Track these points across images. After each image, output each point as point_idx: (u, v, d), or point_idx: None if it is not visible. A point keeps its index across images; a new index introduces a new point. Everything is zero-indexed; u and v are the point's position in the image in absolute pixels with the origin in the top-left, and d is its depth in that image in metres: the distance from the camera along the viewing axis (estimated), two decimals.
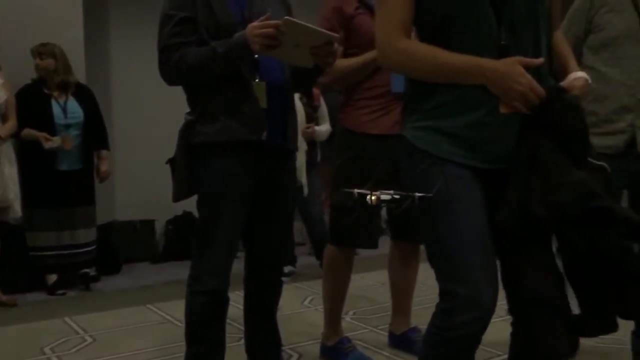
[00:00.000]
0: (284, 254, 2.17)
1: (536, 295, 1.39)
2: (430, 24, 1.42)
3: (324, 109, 4.26)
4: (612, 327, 1.38)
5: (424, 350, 1.47)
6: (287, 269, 4.05)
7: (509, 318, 1.51)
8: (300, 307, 3.36)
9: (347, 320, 3.07)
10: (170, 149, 1.98)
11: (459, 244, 1.37)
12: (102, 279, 4.19)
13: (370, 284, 3.76)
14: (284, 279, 3.86)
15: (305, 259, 4.52)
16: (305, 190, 4.03)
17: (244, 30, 1.77)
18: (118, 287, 4.09)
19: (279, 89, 1.93)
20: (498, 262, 1.44)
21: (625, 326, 2.38)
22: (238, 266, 2.01)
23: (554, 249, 1.44)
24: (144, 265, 4.80)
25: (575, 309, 1.41)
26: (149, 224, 5.02)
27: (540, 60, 1.35)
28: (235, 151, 1.86)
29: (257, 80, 1.87)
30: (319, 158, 4.31)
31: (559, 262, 1.42)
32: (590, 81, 1.61)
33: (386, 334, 2.73)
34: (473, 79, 1.33)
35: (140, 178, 4.91)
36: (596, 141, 2.17)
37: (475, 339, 1.39)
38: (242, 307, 2.10)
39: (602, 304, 1.35)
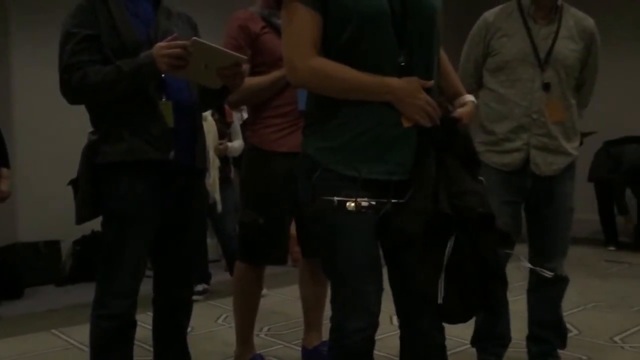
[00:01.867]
0: (194, 273, 2.16)
1: (428, 293, 1.52)
2: (337, 45, 1.49)
3: (236, 125, 4.27)
4: (466, 318, 1.59)
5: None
6: (200, 286, 4.01)
7: None
8: (214, 326, 3.33)
9: (261, 337, 3.08)
10: (76, 166, 1.92)
11: (351, 260, 1.51)
12: (4, 303, 3.98)
13: (285, 299, 3.79)
14: (197, 297, 3.86)
15: (220, 276, 4.48)
16: (219, 207, 4.01)
17: (151, 50, 1.77)
18: (21, 312, 3.88)
19: (187, 109, 1.93)
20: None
21: (521, 331, 2.55)
22: (147, 286, 1.99)
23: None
24: (49, 288, 4.58)
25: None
26: (54, 245, 4.80)
27: (432, 82, 1.52)
28: (142, 171, 1.84)
29: (163, 99, 1.86)
30: (232, 174, 4.30)
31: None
32: (476, 102, 1.75)
33: (300, 348, 2.76)
34: (379, 96, 1.47)
35: (44, 197, 4.67)
36: (496, 159, 2.33)
37: (371, 342, 1.55)
38: (151, 328, 2.06)
39: (470, 297, 1.53)
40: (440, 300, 1.49)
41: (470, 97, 1.73)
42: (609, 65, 6.75)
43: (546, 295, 2.46)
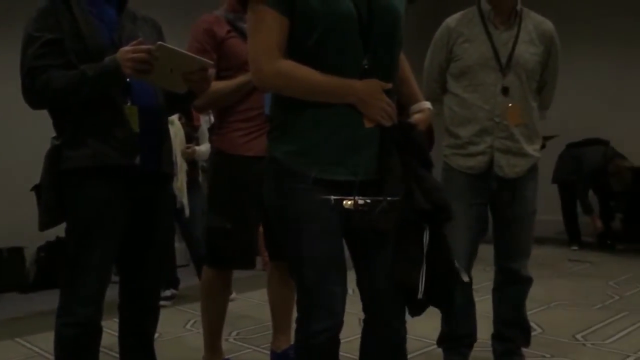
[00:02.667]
0: (161, 278, 2.14)
1: (401, 289, 1.58)
2: (303, 47, 1.51)
3: (204, 128, 4.25)
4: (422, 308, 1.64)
5: None
6: (169, 292, 3.98)
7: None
8: (182, 331, 3.31)
9: (230, 341, 3.07)
10: (40, 172, 1.88)
11: (317, 260, 1.54)
12: None
13: (254, 303, 3.78)
14: (165, 302, 3.83)
15: (188, 281, 4.45)
16: (187, 211, 3.99)
17: (115, 54, 1.75)
18: None
19: (152, 113, 1.92)
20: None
21: (488, 331, 2.60)
22: (113, 292, 1.97)
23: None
24: (13, 295, 4.49)
25: None
26: (17, 252, 4.70)
27: (391, 84, 1.56)
28: (107, 177, 1.82)
29: (128, 104, 1.85)
30: (200, 178, 4.28)
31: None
32: (432, 108, 1.80)
33: (269, 352, 2.76)
34: (343, 98, 1.50)
35: (7, 203, 4.58)
36: (461, 162, 2.37)
37: (336, 342, 1.58)
38: (117, 335, 2.04)
39: (437, 290, 1.60)
40: (420, 295, 1.54)
41: (427, 104, 1.77)
42: (571, 70, 6.97)
43: (510, 295, 2.51)
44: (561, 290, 4.13)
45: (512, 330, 2.53)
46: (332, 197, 1.53)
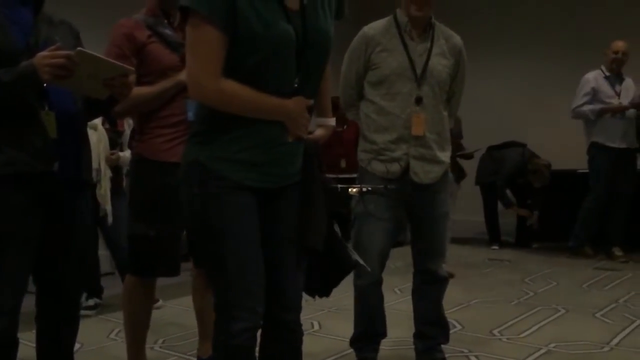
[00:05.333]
0: (80, 288, 2.09)
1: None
2: (243, 68, 1.56)
3: (128, 134, 4.17)
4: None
5: None
6: (92, 301, 3.87)
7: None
8: (105, 341, 3.23)
9: (156, 349, 3.03)
10: None
11: (238, 261, 1.59)
12: None
13: (181, 310, 3.74)
14: (88, 312, 3.73)
15: (113, 289, 4.34)
16: (110, 219, 3.90)
17: (32, 59, 1.71)
18: None
19: (71, 119, 1.88)
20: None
21: (410, 329, 2.70)
22: (30, 302, 1.92)
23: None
24: None
25: None
26: None
27: (311, 101, 1.66)
28: (23, 185, 1.77)
29: (46, 109, 1.81)
30: (124, 185, 4.19)
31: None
32: (334, 125, 1.96)
33: (195, 359, 2.75)
34: (277, 116, 1.60)
35: None
36: (378, 167, 2.45)
37: (255, 340, 1.64)
38: (35, 347, 1.99)
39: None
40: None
41: (331, 121, 1.91)
42: (491, 79, 7.33)
43: (428, 295, 2.62)
44: (481, 288, 4.32)
45: (432, 328, 2.63)
46: (339, 186, 1.83)
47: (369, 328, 2.61)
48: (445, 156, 2.51)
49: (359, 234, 2.49)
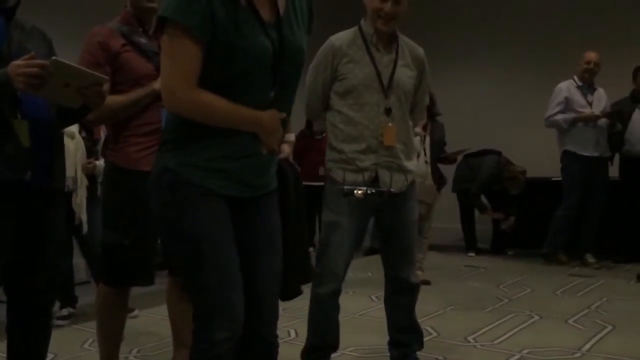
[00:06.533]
0: (52, 297, 2.07)
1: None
2: (219, 79, 1.56)
3: None
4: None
5: None
6: (65, 310, 3.82)
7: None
8: (79, 351, 3.19)
9: (130, 359, 3.00)
10: None
11: (218, 269, 1.58)
12: None
13: (156, 319, 3.71)
14: (62, 322, 3.68)
15: (88, 298, 4.28)
16: (85, 228, 3.86)
17: (6, 68, 1.70)
18: None
19: (44, 127, 1.88)
20: None
21: (386, 337, 2.71)
22: (1, 312, 1.90)
23: None
24: None
25: None
26: None
27: (284, 114, 1.66)
28: None
29: (18, 118, 1.80)
30: (99, 192, 4.15)
31: None
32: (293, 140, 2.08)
33: None
34: (252, 128, 1.60)
35: None
36: (347, 177, 2.46)
37: (233, 348, 1.62)
38: (6, 357, 1.96)
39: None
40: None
41: (292, 137, 2.00)
42: (467, 88, 7.44)
43: (401, 302, 2.64)
44: (456, 295, 4.36)
45: (406, 335, 2.66)
46: (345, 187, 2.13)
47: (323, 339, 2.58)
48: (411, 165, 2.55)
49: (327, 243, 2.49)
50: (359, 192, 2.04)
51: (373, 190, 1.86)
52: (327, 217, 2.50)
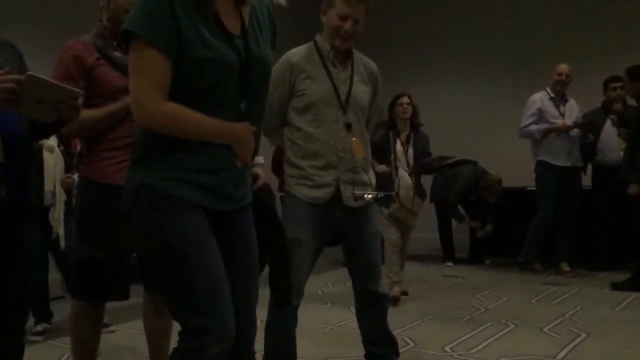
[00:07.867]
0: (25, 313, 2.04)
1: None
2: (188, 92, 1.55)
3: None
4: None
5: None
6: (40, 326, 3.77)
7: None
8: None
9: None
10: None
11: (211, 279, 1.55)
12: None
13: (134, 334, 3.68)
14: (36, 337, 3.63)
15: (64, 313, 4.22)
16: (62, 242, 3.82)
17: None
18: None
19: (17, 142, 1.86)
20: None
21: (362, 350, 2.73)
22: None
23: None
24: None
25: None
26: None
27: (255, 127, 1.66)
28: None
29: None
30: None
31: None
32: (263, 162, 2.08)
33: None
34: (225, 140, 1.59)
35: None
36: (307, 192, 2.47)
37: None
38: None
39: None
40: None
41: (261, 159, 2.00)
42: (443, 99, 7.55)
43: (372, 315, 2.65)
44: (434, 305, 4.39)
45: (381, 347, 2.67)
46: (355, 192, 2.31)
47: (282, 353, 2.55)
48: (370, 178, 2.57)
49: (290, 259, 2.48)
50: (369, 196, 2.12)
51: (382, 194, 1.85)
52: (288, 234, 2.48)
